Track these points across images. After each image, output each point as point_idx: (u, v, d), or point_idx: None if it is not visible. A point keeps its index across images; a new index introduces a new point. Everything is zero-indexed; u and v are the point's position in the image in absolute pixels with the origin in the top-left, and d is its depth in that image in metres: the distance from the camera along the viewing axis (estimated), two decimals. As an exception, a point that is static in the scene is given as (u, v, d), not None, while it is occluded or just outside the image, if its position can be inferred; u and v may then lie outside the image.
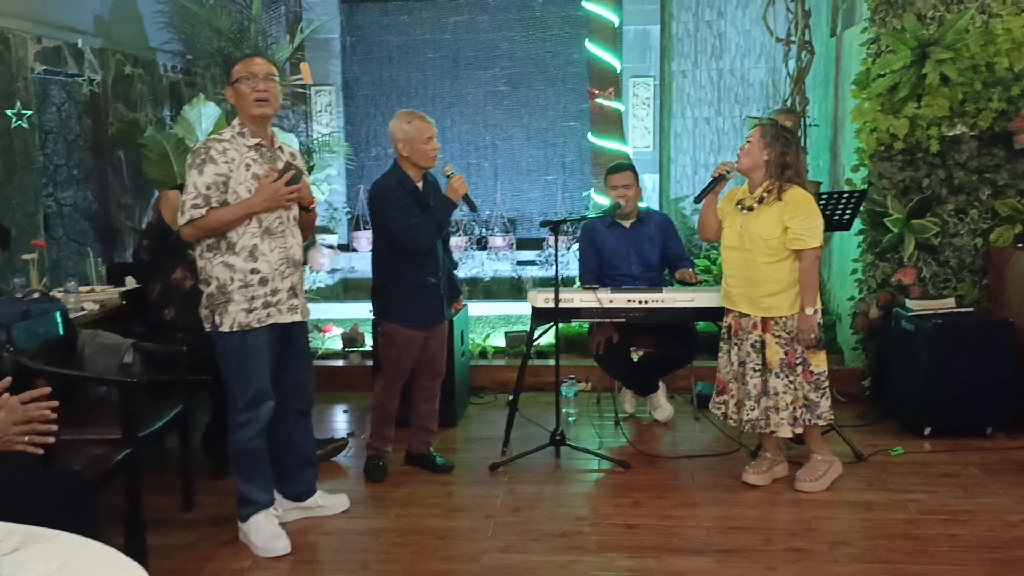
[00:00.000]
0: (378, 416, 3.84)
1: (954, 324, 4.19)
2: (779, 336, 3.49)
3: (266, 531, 3.12)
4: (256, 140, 3.05)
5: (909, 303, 4.42)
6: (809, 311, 3.42)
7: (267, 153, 3.08)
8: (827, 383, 3.53)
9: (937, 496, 3.53)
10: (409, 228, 3.57)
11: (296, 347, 3.23)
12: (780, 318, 3.48)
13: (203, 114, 5.66)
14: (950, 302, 4.40)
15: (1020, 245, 4.36)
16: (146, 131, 5.60)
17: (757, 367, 3.54)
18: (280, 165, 3.06)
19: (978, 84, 4.36)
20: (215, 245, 3.01)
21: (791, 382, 3.48)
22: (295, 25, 7.04)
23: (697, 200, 3.76)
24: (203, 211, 2.94)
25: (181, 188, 3.13)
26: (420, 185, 3.67)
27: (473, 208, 3.85)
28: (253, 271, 3.01)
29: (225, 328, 3.02)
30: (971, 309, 4.41)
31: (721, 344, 3.71)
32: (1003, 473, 3.76)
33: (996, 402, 4.15)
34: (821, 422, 3.53)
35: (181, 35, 6.37)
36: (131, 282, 4.46)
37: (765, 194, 3.47)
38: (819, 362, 3.50)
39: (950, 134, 4.46)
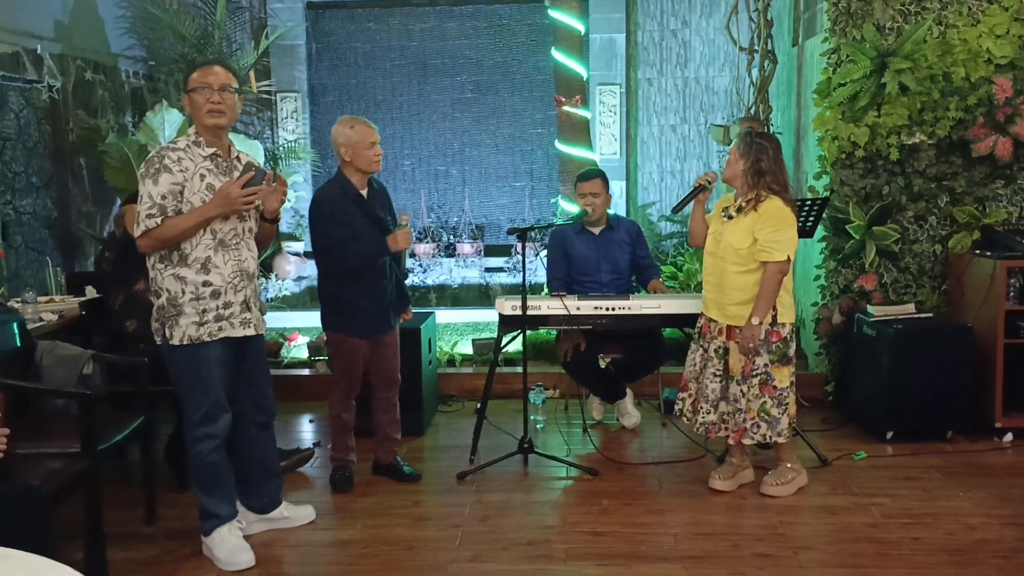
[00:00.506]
0: (335, 427, 3.80)
1: (914, 329, 4.25)
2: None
3: (230, 544, 3.08)
4: (212, 150, 2.98)
5: (871, 309, 4.49)
6: (755, 321, 3.42)
7: (223, 163, 3.01)
8: (790, 399, 3.52)
9: (899, 500, 3.58)
10: (337, 248, 3.51)
11: (253, 360, 3.17)
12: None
13: (166, 121, 5.58)
14: (910, 308, 4.47)
15: (978, 251, 4.44)
16: (107, 138, 5.50)
17: (717, 372, 3.56)
18: (236, 176, 2.99)
19: (936, 93, 4.45)
20: (167, 257, 2.95)
21: (743, 393, 3.51)
22: (260, 31, 6.98)
23: (675, 210, 3.79)
24: (158, 220, 2.87)
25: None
26: (364, 192, 3.61)
27: (403, 270, 3.83)
28: (205, 283, 2.95)
29: (175, 341, 2.96)
30: (931, 314, 4.49)
31: (691, 343, 3.75)
32: (963, 476, 3.83)
33: (956, 406, 4.22)
34: (781, 439, 3.52)
35: (144, 41, 6.26)
36: (91, 292, 4.38)
37: (744, 203, 3.49)
38: (783, 377, 3.49)
39: (909, 142, 4.55)
